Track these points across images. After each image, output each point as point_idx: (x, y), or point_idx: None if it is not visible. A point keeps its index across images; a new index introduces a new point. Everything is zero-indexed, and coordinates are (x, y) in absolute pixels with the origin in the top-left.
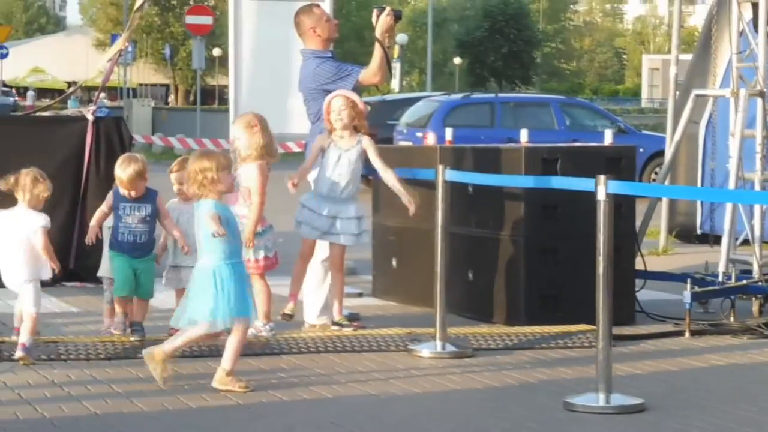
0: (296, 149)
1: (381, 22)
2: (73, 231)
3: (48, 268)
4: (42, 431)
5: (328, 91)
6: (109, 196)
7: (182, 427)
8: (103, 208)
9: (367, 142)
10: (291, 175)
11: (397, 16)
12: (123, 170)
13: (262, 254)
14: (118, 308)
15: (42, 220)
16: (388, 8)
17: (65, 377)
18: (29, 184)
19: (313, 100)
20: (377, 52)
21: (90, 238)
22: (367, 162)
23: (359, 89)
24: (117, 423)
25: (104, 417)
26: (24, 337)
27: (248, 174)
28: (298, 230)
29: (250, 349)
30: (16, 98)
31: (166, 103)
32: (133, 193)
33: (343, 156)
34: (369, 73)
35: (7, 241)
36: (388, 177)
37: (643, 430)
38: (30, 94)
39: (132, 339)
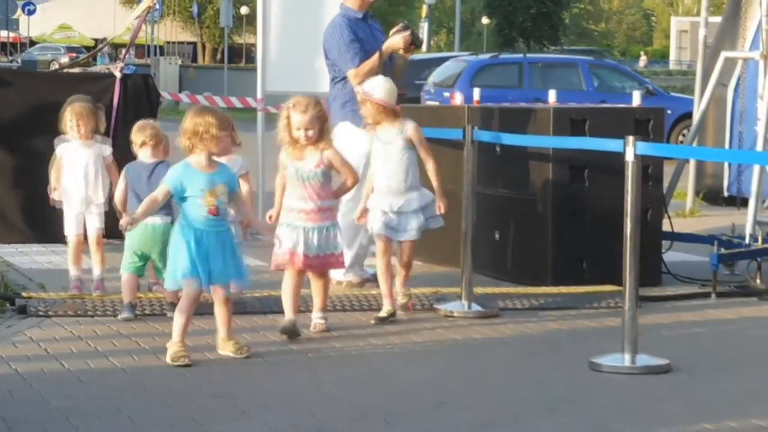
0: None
1: (394, 40)
2: None
3: None
4: (68, 386)
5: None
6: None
7: (208, 383)
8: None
9: (412, 128)
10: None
11: (415, 43)
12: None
13: (339, 249)
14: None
15: None
16: (408, 32)
17: (92, 333)
18: None
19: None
20: (374, 59)
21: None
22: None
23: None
24: (143, 378)
25: (131, 372)
26: None
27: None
28: (370, 231)
29: (277, 307)
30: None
31: (194, 61)
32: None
33: (389, 148)
34: (354, 74)
35: None
36: (430, 167)
37: (668, 391)
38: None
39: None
